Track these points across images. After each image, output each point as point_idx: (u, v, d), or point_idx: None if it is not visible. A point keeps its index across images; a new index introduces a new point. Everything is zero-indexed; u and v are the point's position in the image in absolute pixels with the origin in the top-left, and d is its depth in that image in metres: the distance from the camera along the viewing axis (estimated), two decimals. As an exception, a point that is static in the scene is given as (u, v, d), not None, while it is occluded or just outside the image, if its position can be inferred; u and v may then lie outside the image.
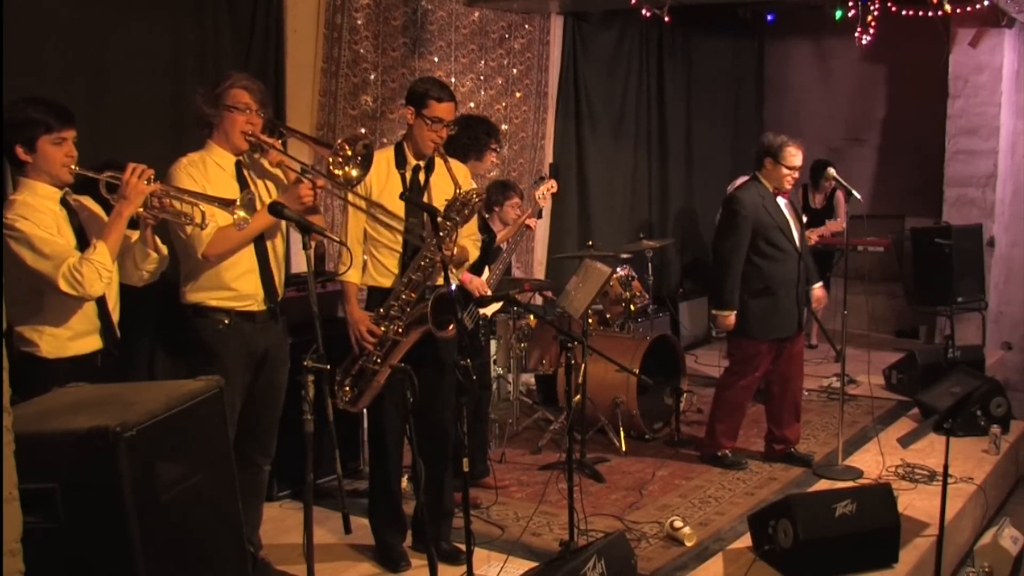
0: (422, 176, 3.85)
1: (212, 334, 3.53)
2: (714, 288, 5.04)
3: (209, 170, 3.51)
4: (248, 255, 3.56)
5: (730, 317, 4.91)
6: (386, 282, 3.81)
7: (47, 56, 4.01)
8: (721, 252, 4.98)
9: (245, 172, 3.59)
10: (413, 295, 3.70)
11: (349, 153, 3.46)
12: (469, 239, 3.96)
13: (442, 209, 3.68)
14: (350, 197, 3.76)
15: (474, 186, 3.87)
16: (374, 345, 3.71)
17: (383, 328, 3.71)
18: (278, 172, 3.68)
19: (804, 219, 5.12)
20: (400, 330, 3.70)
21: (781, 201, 4.95)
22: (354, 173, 3.47)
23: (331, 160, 3.46)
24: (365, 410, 3.98)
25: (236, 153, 3.56)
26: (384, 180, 3.77)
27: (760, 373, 5.07)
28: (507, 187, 5.33)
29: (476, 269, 4.67)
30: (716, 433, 5.19)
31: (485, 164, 4.77)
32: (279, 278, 3.68)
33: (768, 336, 4.95)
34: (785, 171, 4.87)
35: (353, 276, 3.84)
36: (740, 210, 4.87)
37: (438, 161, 3.86)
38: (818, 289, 5.24)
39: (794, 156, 4.86)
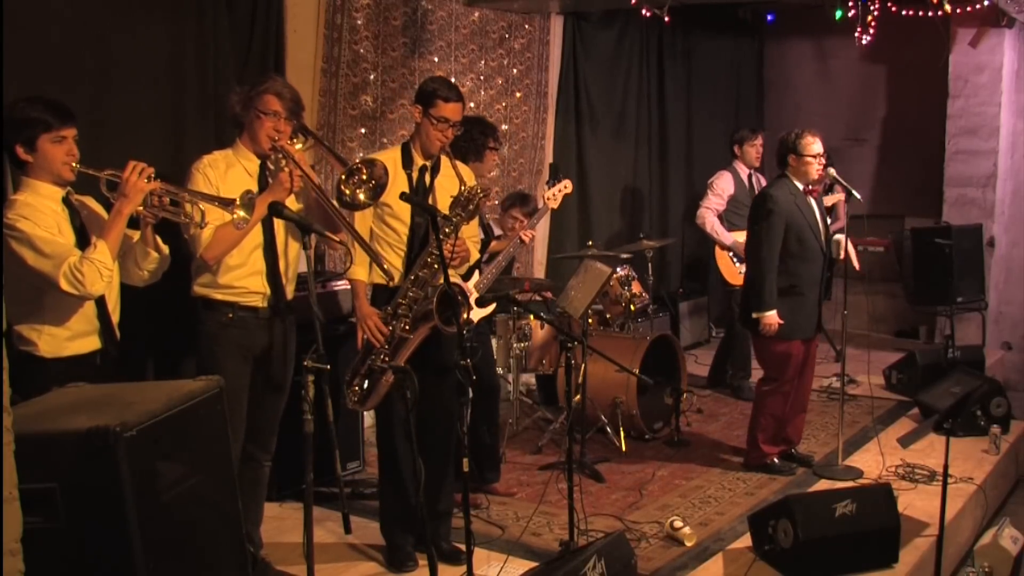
0: (428, 177, 3.86)
1: (215, 326, 3.58)
2: (754, 289, 4.87)
3: (230, 170, 3.55)
4: (256, 257, 3.58)
5: (772, 316, 4.79)
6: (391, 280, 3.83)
7: (48, 56, 4.01)
8: (758, 251, 4.86)
9: (269, 177, 3.60)
10: (420, 292, 3.70)
11: (364, 176, 3.47)
12: (470, 240, 3.96)
13: (448, 207, 3.69)
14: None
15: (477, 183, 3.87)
16: (382, 343, 3.72)
17: (391, 327, 3.72)
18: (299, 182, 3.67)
19: (828, 220, 5.09)
20: (407, 327, 3.71)
21: (811, 200, 4.93)
22: (361, 197, 3.48)
23: (343, 177, 3.46)
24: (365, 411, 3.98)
25: (261, 156, 3.59)
26: (392, 180, 3.77)
27: (795, 374, 4.97)
28: (523, 199, 5.32)
29: (465, 274, 4.65)
30: (759, 442, 5.08)
31: (487, 165, 4.76)
32: (287, 279, 3.70)
33: (797, 336, 4.88)
34: (809, 160, 4.86)
35: (360, 273, 3.86)
36: (774, 208, 4.81)
37: (444, 161, 3.87)
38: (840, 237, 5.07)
39: (812, 143, 4.86)
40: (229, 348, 3.57)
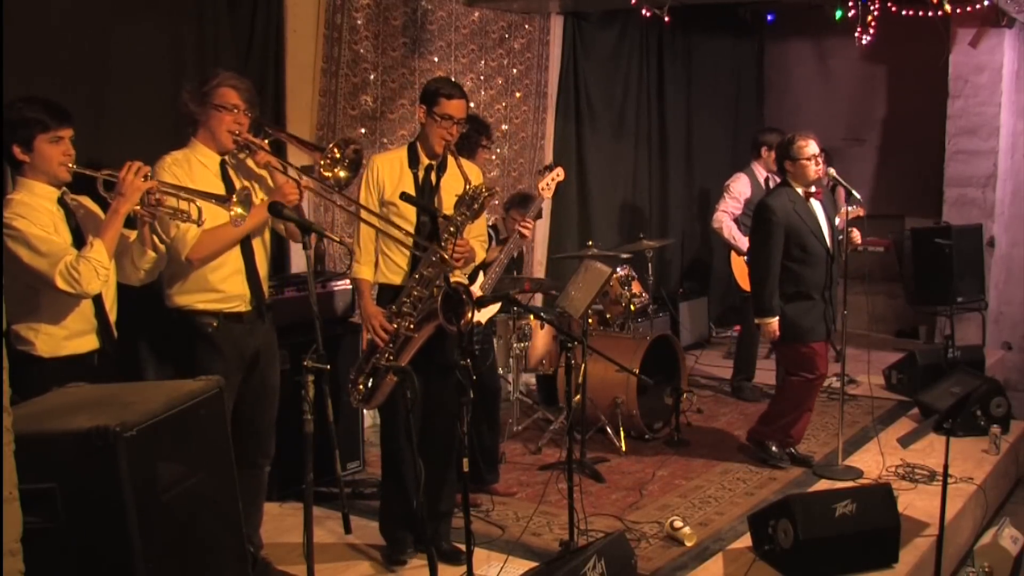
0: (434, 176, 3.87)
1: (202, 338, 3.53)
2: (755, 296, 5.00)
3: (194, 169, 3.51)
4: (235, 256, 3.55)
5: (773, 323, 4.87)
6: (396, 279, 3.84)
7: (48, 56, 4.01)
8: (757, 260, 4.96)
9: (230, 172, 3.59)
10: (424, 291, 3.70)
11: (338, 155, 3.51)
12: (476, 240, 3.96)
13: (453, 206, 3.70)
14: (361, 199, 3.78)
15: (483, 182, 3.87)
16: (387, 342, 3.71)
17: (395, 325, 3.72)
18: (264, 173, 3.68)
19: (837, 221, 5.11)
20: (412, 326, 3.71)
21: (815, 204, 4.95)
22: (342, 175, 3.52)
23: (321, 163, 3.48)
24: (365, 410, 3.97)
25: (221, 152, 3.57)
26: (397, 179, 3.79)
27: (826, 370, 5.05)
28: (522, 201, 5.31)
29: (470, 276, 4.64)
30: (771, 420, 5.16)
31: (478, 163, 4.75)
32: (264, 276, 3.68)
33: (811, 339, 4.92)
34: (805, 163, 4.88)
35: (366, 273, 3.87)
36: (771, 216, 4.87)
37: (450, 160, 3.87)
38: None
39: (805, 147, 4.89)
40: (221, 360, 3.51)
